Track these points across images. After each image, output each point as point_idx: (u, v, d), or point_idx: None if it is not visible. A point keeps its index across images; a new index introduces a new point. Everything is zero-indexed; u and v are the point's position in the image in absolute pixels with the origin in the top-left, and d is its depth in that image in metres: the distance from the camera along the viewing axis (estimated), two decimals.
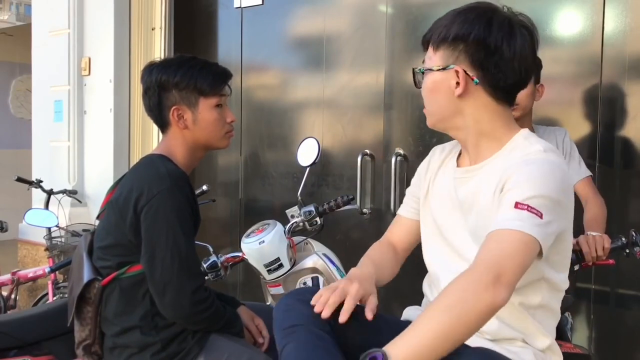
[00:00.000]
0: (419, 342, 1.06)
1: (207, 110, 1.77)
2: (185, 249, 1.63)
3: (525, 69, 1.30)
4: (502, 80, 1.28)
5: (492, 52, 1.26)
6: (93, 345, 1.75)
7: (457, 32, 1.28)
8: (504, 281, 1.10)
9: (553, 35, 2.68)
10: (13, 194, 5.36)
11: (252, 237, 2.16)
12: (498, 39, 1.26)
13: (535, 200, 1.18)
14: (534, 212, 1.17)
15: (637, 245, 1.83)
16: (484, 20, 1.28)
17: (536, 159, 1.25)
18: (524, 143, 1.31)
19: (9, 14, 16.21)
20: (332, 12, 3.37)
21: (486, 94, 1.30)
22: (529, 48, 1.30)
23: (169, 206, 1.63)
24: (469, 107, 1.32)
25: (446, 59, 1.31)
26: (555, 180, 1.22)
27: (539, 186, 1.20)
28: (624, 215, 2.53)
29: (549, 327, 1.34)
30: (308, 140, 2.32)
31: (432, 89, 1.36)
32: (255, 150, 3.74)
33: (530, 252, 1.16)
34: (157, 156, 1.77)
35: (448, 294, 1.10)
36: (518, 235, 1.15)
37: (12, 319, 2.15)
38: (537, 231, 1.16)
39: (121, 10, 4.08)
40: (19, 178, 3.94)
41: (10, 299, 3.76)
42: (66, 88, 4.29)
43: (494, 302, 1.08)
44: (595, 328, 2.63)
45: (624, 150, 2.56)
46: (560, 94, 2.69)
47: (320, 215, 2.23)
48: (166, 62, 1.82)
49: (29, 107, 5.20)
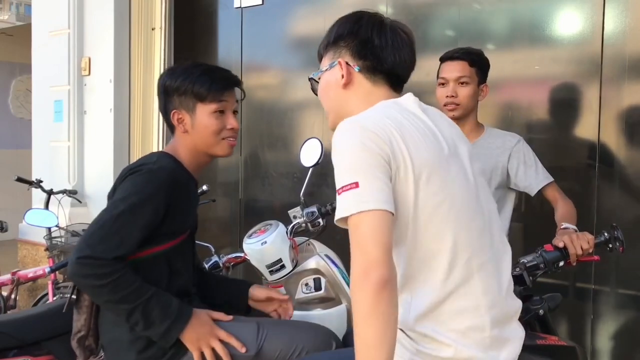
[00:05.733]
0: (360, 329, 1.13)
1: (205, 115, 1.78)
2: (112, 221, 1.58)
3: (400, 56, 1.41)
4: (379, 65, 1.40)
5: (365, 42, 1.41)
6: (87, 338, 1.76)
7: (336, 33, 1.46)
8: (370, 265, 1.13)
9: (553, 35, 2.69)
10: (13, 194, 5.35)
11: (254, 238, 2.16)
12: (368, 30, 1.41)
13: (342, 177, 1.20)
14: (347, 189, 1.19)
15: (619, 239, 1.84)
16: (355, 19, 1.45)
17: (333, 141, 1.28)
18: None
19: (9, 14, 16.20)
20: (332, 12, 3.36)
21: (367, 81, 1.42)
22: (402, 42, 1.42)
23: (138, 181, 1.65)
24: (354, 96, 1.42)
25: (331, 58, 1.46)
26: (341, 143, 1.24)
27: (337, 163, 1.23)
28: (624, 215, 2.53)
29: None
30: (311, 141, 2.32)
31: (325, 88, 1.48)
32: (255, 150, 3.74)
33: (369, 223, 1.16)
34: (159, 152, 1.82)
35: (352, 307, 1.17)
36: (351, 224, 1.18)
37: (12, 319, 2.15)
38: (356, 204, 1.17)
39: (121, 10, 4.08)
40: (19, 178, 3.94)
41: (10, 299, 3.75)
42: (66, 88, 4.29)
43: (376, 282, 1.12)
44: (595, 328, 2.63)
45: (624, 150, 2.56)
46: (560, 94, 2.69)
47: (322, 216, 2.23)
48: (175, 67, 1.86)
49: (29, 107, 5.20)
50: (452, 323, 1.26)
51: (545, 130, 2.76)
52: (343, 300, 2.20)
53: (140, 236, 1.61)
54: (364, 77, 1.42)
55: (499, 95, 2.73)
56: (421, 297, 1.27)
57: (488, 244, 1.33)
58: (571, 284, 2.68)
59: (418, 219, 1.25)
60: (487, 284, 1.29)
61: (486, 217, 1.35)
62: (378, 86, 1.42)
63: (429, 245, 1.26)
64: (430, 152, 1.28)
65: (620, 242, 1.85)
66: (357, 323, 1.13)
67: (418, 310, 1.27)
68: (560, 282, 2.66)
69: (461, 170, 1.34)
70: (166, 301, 1.63)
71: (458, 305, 1.27)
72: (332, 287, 2.20)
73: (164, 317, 1.61)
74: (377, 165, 1.21)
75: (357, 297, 1.14)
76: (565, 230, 1.91)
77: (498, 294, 1.32)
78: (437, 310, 1.26)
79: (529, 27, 2.74)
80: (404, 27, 1.46)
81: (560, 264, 1.81)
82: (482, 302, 1.28)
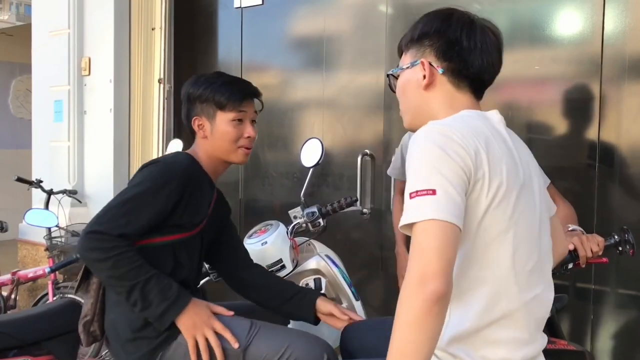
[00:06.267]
0: (398, 341, 1.09)
1: (223, 123, 1.88)
2: (122, 203, 1.68)
3: (487, 61, 1.35)
4: (464, 69, 1.34)
5: (453, 43, 1.34)
6: (92, 324, 1.80)
7: (421, 30, 1.39)
8: (429, 275, 1.08)
9: (553, 35, 2.69)
10: (13, 194, 5.35)
11: (255, 238, 2.16)
12: (457, 31, 1.34)
13: (418, 183, 1.15)
14: (423, 194, 1.13)
15: (629, 242, 1.84)
16: (443, 16, 1.38)
17: (412, 142, 1.23)
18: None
19: (9, 14, 16.19)
20: (332, 12, 3.36)
21: (450, 84, 1.36)
22: (491, 45, 1.35)
23: (152, 173, 1.75)
24: (436, 98, 1.37)
25: (414, 57, 1.40)
26: (422, 147, 1.19)
27: (413, 166, 1.18)
28: (624, 216, 2.53)
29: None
30: (311, 141, 2.32)
31: (403, 87, 1.42)
32: (255, 150, 3.73)
33: (442, 235, 1.10)
34: (181, 152, 1.95)
35: (397, 310, 1.11)
36: (419, 228, 1.12)
37: (12, 319, 2.16)
38: (433, 211, 1.11)
39: (121, 10, 4.08)
40: (19, 178, 3.94)
41: (10, 299, 3.76)
42: (66, 88, 4.29)
43: (430, 296, 1.07)
44: (595, 328, 2.63)
45: (624, 150, 2.56)
46: (560, 94, 2.69)
47: (323, 216, 2.23)
48: (198, 77, 1.95)
49: (29, 107, 5.20)
50: (485, 351, 1.24)
51: (545, 131, 2.76)
52: (343, 300, 2.20)
53: (148, 221, 1.69)
54: (448, 80, 1.36)
55: (499, 96, 2.73)
56: (461, 320, 1.23)
57: (537, 281, 1.29)
58: (571, 284, 2.68)
59: (477, 241, 1.22)
60: (528, 321, 1.27)
61: (542, 255, 1.31)
62: (461, 91, 1.36)
63: (481, 271, 1.23)
64: (508, 176, 1.22)
65: (631, 245, 1.84)
66: (398, 328, 1.09)
67: (455, 331, 1.23)
68: (560, 282, 2.66)
69: (531, 202, 1.29)
70: (166, 284, 1.68)
71: (497, 335, 1.24)
72: (333, 287, 2.21)
73: (162, 300, 1.65)
74: (456, 178, 1.16)
75: (406, 303, 1.09)
76: (572, 232, 1.89)
77: (535, 331, 1.30)
78: (474, 336, 1.23)
79: (529, 27, 2.74)
80: (494, 27, 1.39)
81: (569, 266, 1.80)
82: (520, 337, 1.26)
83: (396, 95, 1.47)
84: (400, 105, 1.46)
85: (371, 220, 3.14)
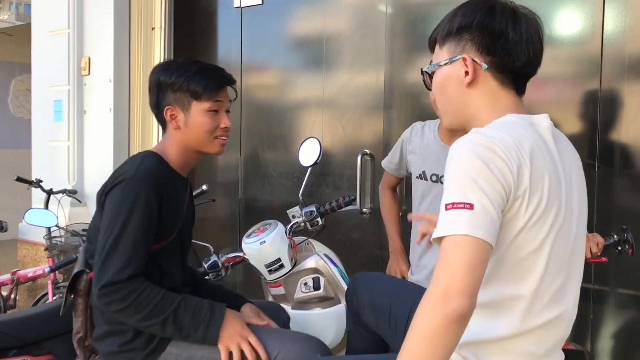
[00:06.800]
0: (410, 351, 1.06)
1: (199, 114, 1.77)
2: (114, 244, 1.59)
3: (534, 52, 1.26)
4: (510, 63, 1.25)
5: (498, 36, 1.25)
6: (86, 339, 1.78)
7: (460, 23, 1.28)
8: (454, 292, 1.04)
9: (553, 35, 2.68)
10: (13, 194, 5.36)
11: (254, 238, 2.16)
12: (502, 22, 1.25)
13: (456, 194, 1.10)
14: (460, 207, 1.09)
15: (629, 242, 1.84)
16: (486, 7, 1.27)
17: (452, 151, 1.17)
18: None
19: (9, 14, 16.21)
20: (332, 12, 3.37)
21: (495, 80, 1.28)
22: (535, 34, 1.27)
23: (123, 196, 1.63)
24: (478, 97, 1.29)
25: (453, 52, 1.30)
26: (464, 159, 1.13)
27: (453, 178, 1.13)
28: (624, 216, 2.53)
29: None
30: (310, 141, 2.32)
31: (442, 85, 1.33)
32: (255, 150, 3.74)
33: (474, 252, 1.06)
34: (147, 152, 1.79)
35: (415, 319, 1.08)
36: (451, 241, 1.08)
37: (12, 319, 2.15)
38: (467, 227, 1.07)
39: (121, 10, 4.08)
40: (19, 178, 3.94)
41: (10, 299, 3.76)
42: (66, 88, 4.29)
43: (452, 314, 1.03)
44: (595, 328, 2.63)
45: (624, 150, 2.56)
46: (560, 94, 2.69)
47: (321, 216, 2.23)
48: (169, 63, 1.85)
49: (29, 107, 5.20)
50: (497, 358, 1.23)
51: None
52: (342, 299, 2.20)
53: (146, 245, 1.63)
54: (492, 76, 1.27)
55: None
56: (479, 330, 1.21)
57: (562, 301, 1.25)
58: None
59: (507, 258, 1.18)
60: (547, 338, 1.24)
61: (570, 274, 1.27)
62: (505, 88, 1.28)
63: (507, 287, 1.20)
64: (550, 193, 1.17)
65: (630, 245, 1.84)
66: (413, 338, 1.06)
67: (471, 338, 1.21)
68: None
69: (568, 219, 1.23)
70: (197, 306, 1.63)
71: (512, 347, 1.22)
72: (331, 287, 2.21)
73: (198, 325, 1.61)
74: (496, 195, 1.10)
75: (426, 315, 1.05)
76: None
77: (553, 349, 1.28)
78: (490, 344, 1.22)
79: None
80: (534, 15, 1.29)
81: None
82: (535, 352, 1.23)
83: (431, 94, 1.39)
84: (439, 104, 1.37)
85: (371, 220, 3.14)
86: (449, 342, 1.05)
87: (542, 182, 1.16)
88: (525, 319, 1.20)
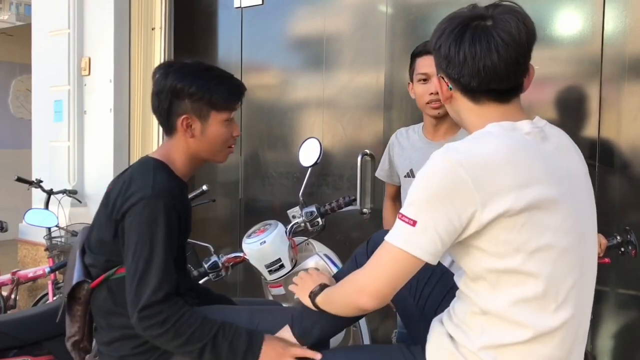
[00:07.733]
0: (327, 297, 1.43)
1: (217, 124, 1.75)
2: (146, 263, 1.58)
3: (487, 67, 1.20)
4: (467, 83, 1.25)
5: (447, 60, 1.25)
6: (82, 342, 1.77)
7: (431, 44, 1.31)
8: (367, 292, 1.24)
9: (553, 35, 2.68)
10: (13, 194, 5.36)
11: (254, 238, 2.16)
12: (446, 45, 1.24)
13: (409, 208, 1.19)
14: (405, 221, 1.18)
15: (632, 243, 1.84)
16: (442, 27, 1.28)
17: (431, 159, 1.22)
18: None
19: (9, 14, 16.21)
20: (332, 12, 3.36)
21: (466, 98, 1.28)
22: (483, 49, 1.20)
23: (144, 217, 1.60)
24: (462, 111, 1.31)
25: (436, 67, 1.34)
26: (430, 177, 1.18)
27: (414, 191, 1.20)
28: (624, 216, 2.53)
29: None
30: (310, 141, 2.32)
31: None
32: (255, 150, 3.74)
33: (400, 264, 1.19)
34: (153, 161, 1.74)
35: (344, 283, 1.37)
36: (386, 247, 1.22)
37: (12, 319, 2.16)
38: (403, 241, 1.18)
39: (121, 10, 4.08)
40: (19, 178, 3.94)
41: (10, 299, 3.76)
42: (66, 88, 4.29)
43: (358, 306, 1.28)
44: (595, 328, 2.63)
45: (624, 150, 2.56)
46: (560, 94, 2.69)
47: (321, 216, 2.23)
48: (184, 68, 1.76)
49: (29, 107, 5.20)
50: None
51: None
52: None
53: (173, 261, 1.63)
54: (461, 95, 1.28)
55: None
56: (497, 336, 1.22)
57: (580, 297, 1.25)
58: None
59: (515, 261, 1.18)
60: (565, 339, 1.24)
61: (587, 269, 1.27)
62: (481, 103, 1.26)
63: (512, 289, 1.20)
64: (542, 193, 1.17)
65: (633, 246, 1.84)
66: (338, 291, 1.39)
67: (490, 342, 1.23)
68: None
69: (572, 214, 1.22)
70: (235, 333, 1.60)
71: (533, 350, 1.22)
72: None
73: (236, 353, 1.58)
74: (445, 218, 1.15)
75: (345, 290, 1.34)
76: None
77: (574, 349, 1.27)
78: (509, 348, 1.22)
79: None
80: (507, 25, 1.21)
81: None
82: (557, 355, 1.24)
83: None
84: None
85: (371, 220, 3.13)
86: (349, 313, 1.40)
87: (525, 189, 1.16)
88: (542, 321, 1.20)
